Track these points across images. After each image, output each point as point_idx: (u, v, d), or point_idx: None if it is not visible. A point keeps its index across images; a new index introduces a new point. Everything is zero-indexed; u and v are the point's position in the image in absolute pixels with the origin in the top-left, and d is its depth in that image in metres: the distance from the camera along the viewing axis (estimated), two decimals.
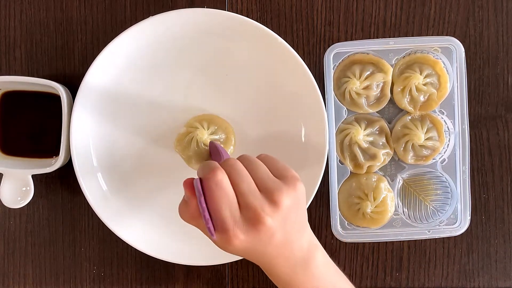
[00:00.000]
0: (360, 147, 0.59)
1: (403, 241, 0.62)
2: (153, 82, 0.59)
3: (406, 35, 0.61)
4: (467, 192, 0.60)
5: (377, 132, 0.60)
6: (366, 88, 0.59)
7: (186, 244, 0.59)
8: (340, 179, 0.60)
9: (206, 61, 0.59)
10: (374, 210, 0.59)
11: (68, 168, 0.59)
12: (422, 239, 0.61)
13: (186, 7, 0.60)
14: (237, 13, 0.58)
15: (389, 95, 0.59)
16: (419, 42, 0.59)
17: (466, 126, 0.60)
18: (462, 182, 0.60)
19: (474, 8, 0.61)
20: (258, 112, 0.59)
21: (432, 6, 0.61)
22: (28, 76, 0.59)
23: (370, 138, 0.59)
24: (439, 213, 0.60)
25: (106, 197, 0.59)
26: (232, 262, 0.61)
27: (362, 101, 0.59)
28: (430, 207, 0.61)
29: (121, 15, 0.61)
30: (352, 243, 0.62)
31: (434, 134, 0.59)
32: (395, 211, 0.60)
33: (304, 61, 0.56)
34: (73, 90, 0.59)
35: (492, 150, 0.62)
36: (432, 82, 0.59)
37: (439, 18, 0.61)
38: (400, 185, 0.61)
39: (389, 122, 0.61)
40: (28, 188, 0.57)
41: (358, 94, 0.59)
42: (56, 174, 0.61)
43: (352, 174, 0.60)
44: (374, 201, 0.58)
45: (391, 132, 0.60)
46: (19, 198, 0.58)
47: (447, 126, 0.60)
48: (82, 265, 0.62)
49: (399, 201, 0.60)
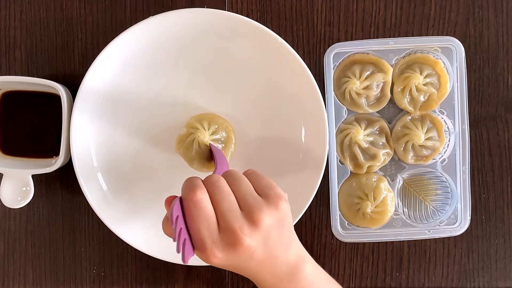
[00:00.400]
0: (360, 147, 0.59)
1: (403, 241, 0.62)
2: (153, 82, 0.59)
3: (406, 35, 0.61)
4: (467, 192, 0.60)
5: (377, 132, 0.60)
6: (366, 88, 0.59)
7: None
8: (340, 179, 0.60)
9: (206, 61, 0.59)
10: (374, 210, 0.59)
11: (68, 168, 0.59)
12: (422, 239, 0.61)
13: (186, 7, 0.60)
14: (237, 13, 0.58)
15: (389, 95, 0.59)
16: (419, 42, 0.59)
17: (466, 126, 0.60)
18: (462, 182, 0.60)
19: (474, 8, 0.61)
20: (258, 112, 0.59)
21: (432, 6, 0.61)
22: (28, 76, 0.59)
23: (370, 138, 0.59)
24: (439, 213, 0.60)
25: (106, 197, 0.59)
26: None
27: (362, 101, 0.59)
28: (430, 207, 0.61)
29: (121, 15, 0.61)
30: (352, 243, 0.62)
31: (434, 134, 0.59)
32: (395, 211, 0.60)
33: (304, 61, 0.56)
34: (73, 90, 0.59)
35: (492, 150, 0.62)
36: (432, 82, 0.59)
37: (439, 18, 0.61)
38: (400, 185, 0.61)
39: (389, 122, 0.61)
40: (28, 188, 0.57)
41: (358, 94, 0.59)
42: (56, 174, 0.61)
43: (352, 174, 0.60)
44: (374, 201, 0.58)
45: (391, 132, 0.60)
46: (19, 198, 0.58)
47: (447, 126, 0.60)
48: (82, 265, 0.62)
49: (399, 201, 0.60)
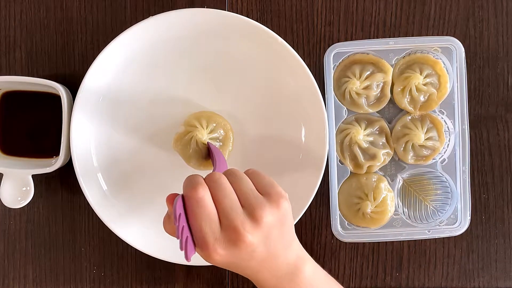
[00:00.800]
0: (360, 147, 0.59)
1: (403, 241, 0.62)
2: (153, 82, 0.59)
3: (406, 35, 0.61)
4: (467, 192, 0.60)
5: (377, 132, 0.60)
6: (366, 88, 0.59)
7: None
8: (340, 179, 0.60)
9: (206, 61, 0.59)
10: (374, 210, 0.59)
11: (68, 168, 0.59)
12: (422, 239, 0.61)
13: (186, 7, 0.60)
14: (237, 13, 0.58)
15: (389, 95, 0.59)
16: (419, 42, 0.59)
17: (466, 126, 0.60)
18: (462, 182, 0.60)
19: (474, 8, 0.61)
20: (258, 111, 0.59)
21: (432, 6, 0.61)
22: (28, 76, 0.59)
23: (370, 138, 0.59)
24: (439, 213, 0.60)
25: (106, 197, 0.59)
26: None
27: (362, 101, 0.59)
28: (430, 207, 0.61)
29: (121, 15, 0.61)
30: (352, 243, 0.62)
31: (434, 134, 0.59)
32: (395, 211, 0.60)
33: (304, 61, 0.56)
34: (73, 90, 0.59)
35: (492, 150, 0.62)
36: (432, 82, 0.59)
37: (439, 18, 0.61)
38: (400, 185, 0.61)
39: (389, 122, 0.61)
40: (28, 188, 0.57)
41: (358, 94, 0.59)
42: (56, 174, 0.61)
43: (352, 174, 0.60)
44: (374, 201, 0.58)
45: (391, 132, 0.60)
46: (19, 198, 0.58)
47: (447, 126, 0.60)
48: (82, 265, 0.62)
49: (399, 201, 0.60)
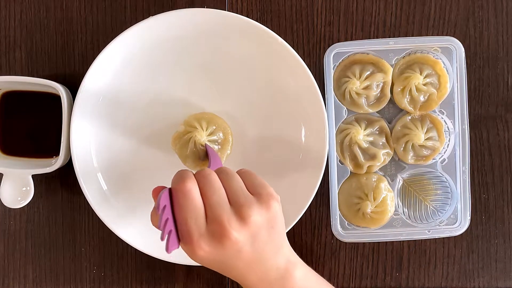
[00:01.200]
0: (360, 147, 0.59)
1: (403, 241, 0.62)
2: (153, 82, 0.59)
3: (406, 35, 0.61)
4: (467, 192, 0.60)
5: (377, 132, 0.60)
6: (366, 88, 0.59)
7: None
8: (340, 179, 0.60)
9: (206, 61, 0.59)
10: (374, 210, 0.59)
11: (68, 168, 0.59)
12: (422, 239, 0.61)
13: (186, 7, 0.60)
14: (237, 13, 0.58)
15: (389, 95, 0.59)
16: (419, 42, 0.59)
17: (466, 126, 0.60)
18: (462, 182, 0.60)
19: (474, 8, 0.61)
20: (258, 112, 0.59)
21: (432, 6, 0.61)
22: (28, 76, 0.59)
23: (370, 138, 0.59)
24: (439, 213, 0.60)
25: (106, 197, 0.59)
26: None
27: (362, 101, 0.59)
28: (430, 207, 0.61)
29: (121, 15, 0.61)
30: (352, 243, 0.62)
31: (434, 134, 0.59)
32: (395, 211, 0.60)
33: (304, 61, 0.56)
34: (73, 90, 0.59)
35: (492, 150, 0.62)
36: (432, 82, 0.59)
37: (439, 18, 0.61)
38: (400, 185, 0.61)
39: (389, 122, 0.61)
40: (28, 188, 0.57)
41: (358, 94, 0.59)
42: (56, 174, 0.61)
43: (352, 174, 0.60)
44: (374, 201, 0.58)
45: (391, 132, 0.60)
46: (19, 198, 0.58)
47: (447, 126, 0.60)
48: (82, 265, 0.62)
49: (399, 201, 0.60)
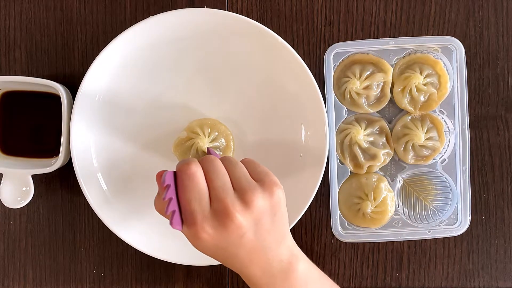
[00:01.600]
0: (360, 147, 0.59)
1: (403, 241, 0.62)
2: (153, 82, 0.59)
3: (406, 35, 0.61)
4: (467, 192, 0.60)
5: (377, 132, 0.60)
6: (366, 88, 0.59)
7: (186, 244, 0.58)
8: (340, 179, 0.60)
9: (206, 61, 0.59)
10: (374, 210, 0.59)
11: (68, 168, 0.59)
12: (422, 239, 0.61)
13: (186, 7, 0.60)
14: (237, 13, 0.58)
15: (389, 95, 0.59)
16: (419, 42, 0.59)
17: (466, 126, 0.59)
18: (462, 182, 0.60)
19: (474, 8, 0.61)
20: (258, 112, 0.59)
21: (432, 6, 0.61)
22: (28, 76, 0.59)
23: (370, 138, 0.59)
24: (439, 213, 0.60)
25: (106, 197, 0.59)
26: None
27: (362, 101, 0.59)
28: (430, 207, 0.61)
29: (121, 15, 0.61)
30: (352, 243, 0.62)
31: (434, 134, 0.59)
32: (395, 211, 0.60)
33: (304, 61, 0.56)
34: (73, 90, 0.59)
35: (492, 150, 0.62)
36: (432, 82, 0.59)
37: (439, 18, 0.61)
38: (400, 185, 0.61)
39: (389, 122, 0.61)
40: (28, 188, 0.57)
41: (358, 94, 0.59)
42: (56, 174, 0.61)
43: (352, 174, 0.60)
44: (374, 201, 0.58)
45: (391, 132, 0.60)
46: (19, 198, 0.58)
47: (447, 126, 0.60)
48: (82, 265, 0.62)
49: (399, 201, 0.60)
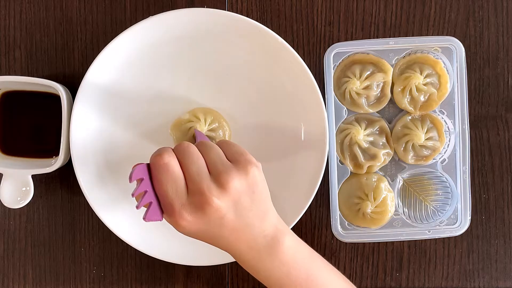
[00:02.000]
0: (360, 147, 0.59)
1: (403, 241, 0.62)
2: (153, 82, 0.59)
3: (406, 35, 0.61)
4: (467, 192, 0.60)
5: (377, 132, 0.60)
6: (366, 88, 0.59)
7: (186, 244, 0.59)
8: (340, 179, 0.60)
9: (206, 61, 0.59)
10: (374, 210, 0.59)
11: (68, 168, 0.59)
12: (422, 239, 0.61)
13: (186, 7, 0.60)
14: (237, 13, 0.58)
15: (389, 95, 0.59)
16: (419, 42, 0.59)
17: (467, 126, 0.59)
18: (462, 182, 0.60)
19: (474, 8, 0.61)
20: (257, 112, 0.59)
21: (432, 6, 0.61)
22: (28, 76, 0.59)
23: (370, 138, 0.59)
24: (439, 213, 0.60)
25: (106, 197, 0.59)
26: (232, 262, 0.61)
27: (362, 101, 0.59)
28: (430, 207, 0.61)
29: (121, 15, 0.61)
30: (352, 243, 0.62)
31: (434, 134, 0.59)
32: (395, 211, 0.60)
33: (304, 61, 0.56)
34: (73, 90, 0.59)
35: (492, 150, 0.62)
36: (432, 82, 0.59)
37: (439, 18, 0.61)
38: (400, 185, 0.61)
39: (389, 122, 0.61)
40: (28, 188, 0.57)
41: (358, 94, 0.59)
42: (56, 174, 0.61)
43: (352, 174, 0.60)
44: (374, 201, 0.58)
45: (391, 132, 0.60)
46: (19, 198, 0.58)
47: (447, 126, 0.60)
48: (82, 265, 0.62)
49: (399, 201, 0.60)
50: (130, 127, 0.59)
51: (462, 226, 0.60)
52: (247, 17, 0.56)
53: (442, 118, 0.60)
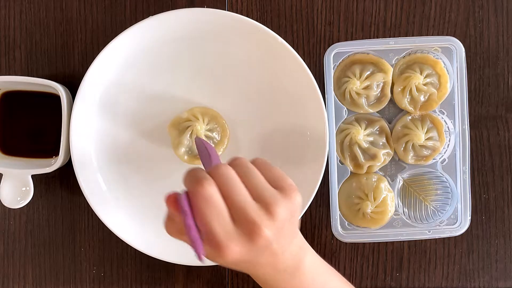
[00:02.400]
0: (360, 147, 0.59)
1: (403, 241, 0.62)
2: (153, 82, 0.59)
3: (406, 35, 0.61)
4: (467, 192, 0.60)
5: (377, 132, 0.60)
6: (366, 88, 0.59)
7: (186, 244, 0.59)
8: (340, 179, 0.60)
9: (206, 61, 0.59)
10: (374, 210, 0.59)
11: (68, 168, 0.59)
12: (422, 239, 0.61)
13: (186, 7, 0.60)
14: (237, 13, 0.58)
15: (389, 95, 0.59)
16: (419, 42, 0.59)
17: (467, 126, 0.59)
18: (462, 182, 0.60)
19: (474, 8, 0.61)
20: (257, 112, 0.59)
21: (432, 6, 0.61)
22: (28, 76, 0.59)
23: (370, 138, 0.59)
24: (439, 213, 0.60)
25: (106, 197, 0.59)
26: None
27: (362, 101, 0.59)
28: (430, 207, 0.61)
29: (121, 15, 0.61)
30: (352, 243, 0.62)
31: (434, 134, 0.59)
32: (395, 211, 0.60)
33: (304, 61, 0.56)
34: (73, 90, 0.59)
35: (492, 150, 0.62)
36: (432, 82, 0.59)
37: (439, 18, 0.61)
38: (400, 185, 0.61)
39: (389, 122, 0.61)
40: (28, 188, 0.57)
41: (358, 94, 0.59)
42: (56, 174, 0.61)
43: (352, 174, 0.60)
44: (374, 201, 0.58)
45: (391, 132, 0.60)
46: (19, 198, 0.58)
47: (447, 126, 0.60)
48: (82, 265, 0.62)
49: (399, 201, 0.60)
50: (130, 127, 0.59)
51: (462, 226, 0.60)
52: (247, 17, 0.56)
53: (442, 118, 0.60)
